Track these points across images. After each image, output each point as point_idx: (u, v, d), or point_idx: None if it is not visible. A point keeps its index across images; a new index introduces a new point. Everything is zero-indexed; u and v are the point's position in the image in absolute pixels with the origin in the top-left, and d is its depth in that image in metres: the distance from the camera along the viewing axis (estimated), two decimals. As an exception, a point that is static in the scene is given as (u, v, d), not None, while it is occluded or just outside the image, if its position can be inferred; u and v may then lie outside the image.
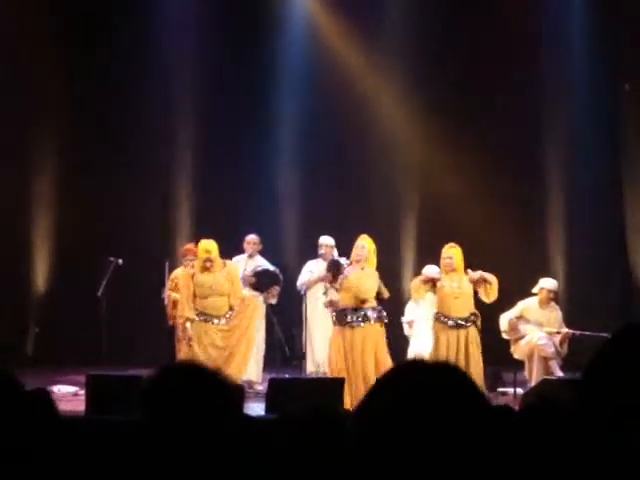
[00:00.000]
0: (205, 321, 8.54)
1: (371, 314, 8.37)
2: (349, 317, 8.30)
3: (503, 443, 1.39)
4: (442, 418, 1.35)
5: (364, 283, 8.43)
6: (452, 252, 8.60)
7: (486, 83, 11.54)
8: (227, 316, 8.61)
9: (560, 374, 9.09)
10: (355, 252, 8.55)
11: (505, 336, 9.54)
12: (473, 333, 8.52)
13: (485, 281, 8.58)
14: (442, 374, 1.41)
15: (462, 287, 8.55)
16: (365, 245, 8.54)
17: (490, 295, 8.60)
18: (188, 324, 8.46)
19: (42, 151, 11.63)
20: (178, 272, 9.35)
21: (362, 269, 8.53)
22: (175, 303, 9.10)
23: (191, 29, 11.68)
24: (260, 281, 9.57)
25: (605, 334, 9.56)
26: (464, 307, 8.53)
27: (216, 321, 8.54)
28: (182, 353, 8.56)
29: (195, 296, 8.56)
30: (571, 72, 11.80)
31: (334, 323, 8.42)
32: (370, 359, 8.14)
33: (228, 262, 8.93)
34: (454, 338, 8.46)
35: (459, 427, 1.34)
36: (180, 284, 8.82)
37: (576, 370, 9.18)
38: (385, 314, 8.42)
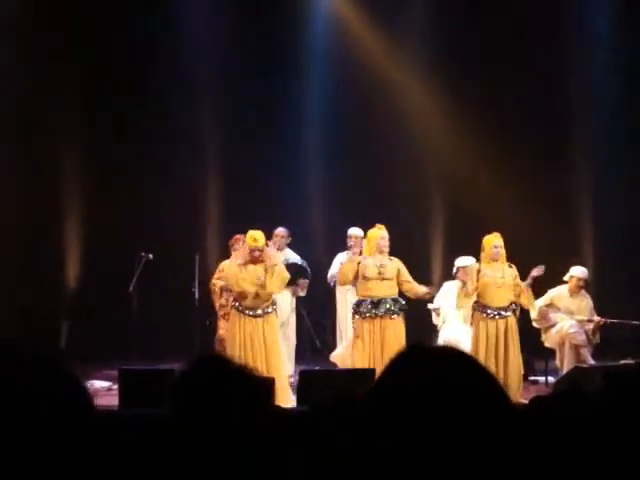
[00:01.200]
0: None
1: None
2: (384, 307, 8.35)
3: (515, 429, 1.39)
4: (450, 404, 1.35)
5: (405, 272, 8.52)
6: (500, 242, 8.56)
7: (515, 71, 11.47)
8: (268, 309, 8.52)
9: (592, 362, 9.05)
10: (383, 242, 8.52)
11: (536, 324, 9.52)
12: (512, 323, 8.49)
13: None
14: (447, 359, 1.41)
15: (505, 276, 8.53)
16: (386, 235, 8.54)
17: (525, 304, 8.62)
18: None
19: (72, 150, 11.71)
20: (226, 263, 9.29)
21: (391, 260, 8.55)
22: (221, 291, 9.14)
23: (210, 20, 11.71)
24: (292, 274, 9.51)
25: (637, 322, 9.53)
26: (505, 297, 8.50)
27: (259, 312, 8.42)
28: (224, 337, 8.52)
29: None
30: (598, 66, 11.71)
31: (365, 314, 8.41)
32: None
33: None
34: (494, 328, 8.44)
35: (467, 413, 1.35)
36: (226, 274, 8.74)
37: (608, 358, 9.15)
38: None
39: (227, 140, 11.80)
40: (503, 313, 8.48)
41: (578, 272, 9.53)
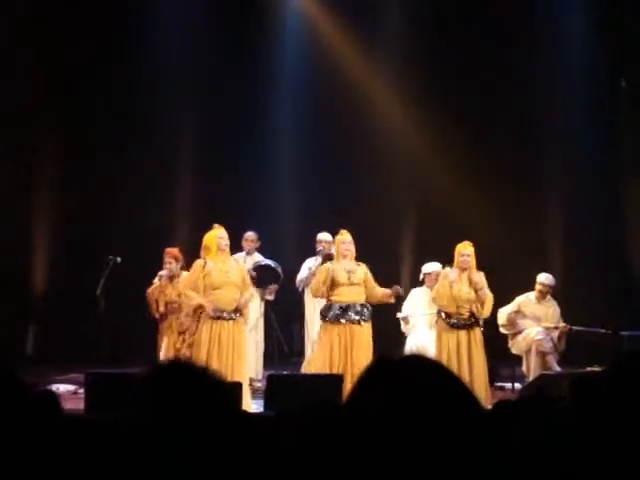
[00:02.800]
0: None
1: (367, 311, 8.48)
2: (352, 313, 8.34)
3: (490, 434, 1.41)
4: (421, 413, 1.36)
5: (370, 278, 8.52)
6: (468, 250, 8.57)
7: (486, 83, 11.56)
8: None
9: (557, 369, 9.12)
10: (344, 247, 8.52)
11: (503, 330, 9.58)
12: (478, 332, 8.52)
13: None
14: (417, 368, 1.43)
15: (465, 286, 8.54)
16: (350, 240, 8.55)
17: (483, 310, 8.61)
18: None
19: (41, 150, 11.64)
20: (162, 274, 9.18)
21: (358, 265, 8.55)
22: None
23: (188, 29, 11.70)
24: (261, 276, 9.50)
25: (602, 330, 9.62)
26: (468, 307, 8.52)
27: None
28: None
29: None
30: (569, 70, 11.82)
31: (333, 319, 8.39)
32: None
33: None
34: (456, 337, 8.44)
35: (439, 421, 1.36)
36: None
37: (574, 365, 9.23)
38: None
39: (196, 142, 11.78)
40: (468, 323, 8.49)
41: (542, 278, 9.61)
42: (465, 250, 8.55)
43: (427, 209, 11.65)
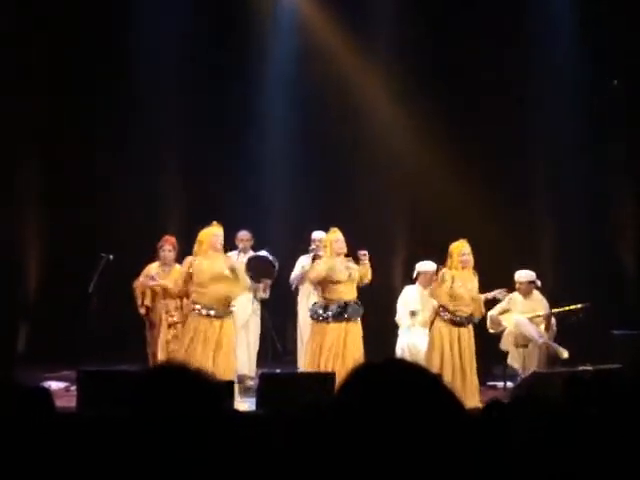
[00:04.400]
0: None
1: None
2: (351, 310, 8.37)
3: (469, 435, 1.42)
4: (404, 418, 1.38)
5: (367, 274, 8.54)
6: (467, 249, 8.61)
7: (480, 82, 11.57)
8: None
9: (538, 338, 9.18)
10: (337, 245, 8.54)
11: (491, 331, 9.62)
12: (470, 330, 8.57)
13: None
14: (397, 373, 1.44)
15: (473, 285, 8.61)
16: (341, 238, 8.56)
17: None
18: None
19: (31, 149, 11.61)
20: (153, 266, 9.21)
21: (350, 261, 8.57)
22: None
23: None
24: (254, 267, 9.19)
25: (580, 305, 9.62)
26: (467, 305, 8.57)
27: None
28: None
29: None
30: (559, 70, 11.83)
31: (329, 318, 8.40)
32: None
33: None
34: (457, 333, 8.48)
35: (421, 424, 1.38)
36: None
37: (565, 364, 9.25)
38: None
39: (189, 140, 11.77)
40: (465, 321, 8.54)
41: (517, 276, 9.69)
42: (464, 249, 8.59)
43: (421, 206, 11.65)
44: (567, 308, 9.66)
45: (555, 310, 9.61)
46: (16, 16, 11.18)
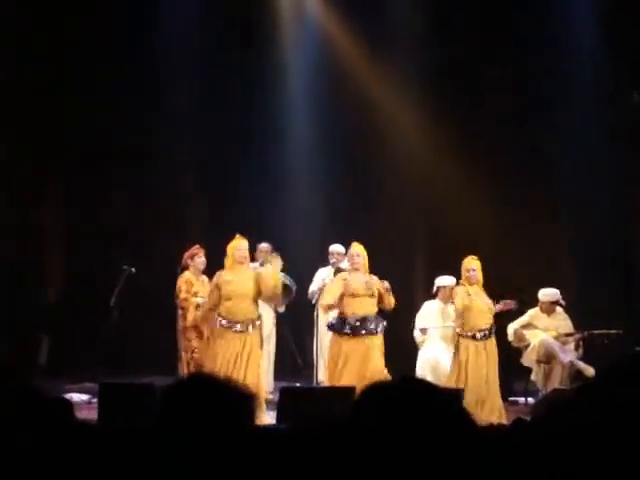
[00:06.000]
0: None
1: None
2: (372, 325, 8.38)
3: (481, 447, 1.43)
4: (415, 437, 1.39)
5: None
6: (474, 265, 8.60)
7: (496, 89, 11.56)
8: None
9: (567, 358, 9.13)
10: (352, 260, 8.57)
11: (514, 344, 9.58)
12: (492, 344, 8.54)
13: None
14: (409, 391, 1.46)
15: (482, 299, 8.58)
16: (360, 253, 8.57)
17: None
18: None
19: (55, 160, 11.70)
20: (186, 275, 9.23)
21: (371, 277, 8.56)
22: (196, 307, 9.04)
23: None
24: None
25: (616, 330, 9.54)
26: (487, 319, 8.54)
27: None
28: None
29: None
30: (579, 79, 11.77)
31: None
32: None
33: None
34: (475, 349, 8.47)
35: (431, 441, 1.39)
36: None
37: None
38: None
39: (210, 154, 11.81)
40: (484, 335, 8.52)
41: (540, 295, 9.63)
42: (471, 265, 8.59)
43: (441, 221, 11.62)
44: (600, 332, 9.57)
45: (587, 332, 9.53)
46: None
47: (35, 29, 11.22)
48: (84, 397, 9.18)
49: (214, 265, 8.68)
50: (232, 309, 8.18)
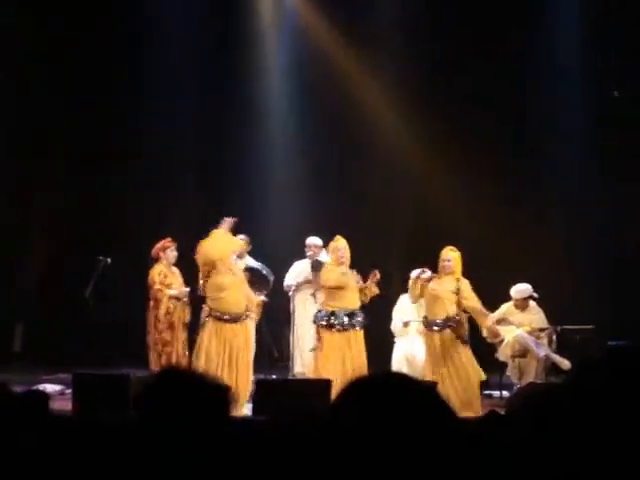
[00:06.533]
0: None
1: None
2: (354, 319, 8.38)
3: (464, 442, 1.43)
4: (396, 433, 1.38)
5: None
6: (450, 255, 8.57)
7: (484, 85, 11.58)
8: None
9: (542, 352, 9.18)
10: (338, 254, 8.54)
11: (489, 340, 9.61)
12: (451, 335, 8.51)
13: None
14: (390, 386, 1.45)
15: (451, 289, 8.56)
16: (346, 246, 8.56)
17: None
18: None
19: (40, 153, 11.64)
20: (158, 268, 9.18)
21: (353, 272, 8.56)
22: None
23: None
24: (252, 279, 9.30)
25: (589, 326, 9.59)
26: (442, 309, 8.52)
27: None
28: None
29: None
30: (566, 74, 11.84)
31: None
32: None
33: None
34: (438, 338, 8.47)
35: (414, 437, 1.39)
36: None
37: (559, 375, 9.24)
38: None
39: (190, 147, 11.79)
40: (440, 326, 8.49)
41: (512, 292, 9.65)
42: (447, 255, 8.57)
43: (420, 213, 11.64)
44: (572, 327, 9.61)
45: (560, 327, 9.58)
46: (16, 16, 11.18)
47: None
48: (57, 388, 9.13)
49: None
50: (225, 299, 8.21)
